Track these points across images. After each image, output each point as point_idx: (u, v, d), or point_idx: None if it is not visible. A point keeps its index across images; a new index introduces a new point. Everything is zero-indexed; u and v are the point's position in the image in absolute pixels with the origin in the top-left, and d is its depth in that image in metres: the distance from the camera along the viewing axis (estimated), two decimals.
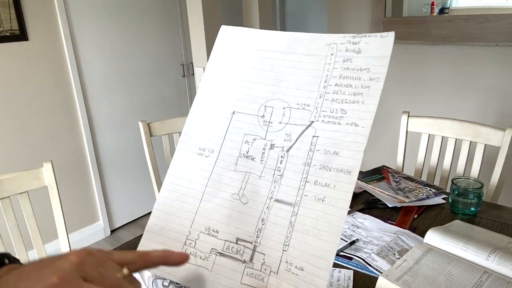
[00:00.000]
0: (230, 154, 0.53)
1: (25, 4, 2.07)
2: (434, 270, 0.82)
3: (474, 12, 2.08)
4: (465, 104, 2.16)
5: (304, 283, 0.43)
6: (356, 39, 0.52)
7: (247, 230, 0.48)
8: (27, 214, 1.19)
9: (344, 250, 0.95)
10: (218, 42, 0.60)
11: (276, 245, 0.46)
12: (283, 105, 0.53)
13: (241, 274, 0.46)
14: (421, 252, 0.87)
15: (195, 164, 0.54)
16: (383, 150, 2.56)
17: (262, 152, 0.51)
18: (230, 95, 0.56)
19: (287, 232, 0.46)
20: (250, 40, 0.58)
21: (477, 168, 1.42)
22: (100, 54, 2.46)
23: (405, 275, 0.80)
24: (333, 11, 2.57)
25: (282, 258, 0.45)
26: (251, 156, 0.52)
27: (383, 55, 0.51)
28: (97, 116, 2.50)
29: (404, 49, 2.30)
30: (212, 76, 0.58)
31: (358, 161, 0.46)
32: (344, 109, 0.50)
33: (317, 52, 0.54)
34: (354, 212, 1.14)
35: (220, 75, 0.58)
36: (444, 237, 0.90)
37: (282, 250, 0.46)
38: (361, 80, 0.50)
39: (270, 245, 0.46)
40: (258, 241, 0.47)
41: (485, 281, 0.78)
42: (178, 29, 2.85)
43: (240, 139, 0.53)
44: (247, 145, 0.53)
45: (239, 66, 0.57)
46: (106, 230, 2.64)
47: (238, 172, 0.52)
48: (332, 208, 0.45)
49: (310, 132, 0.50)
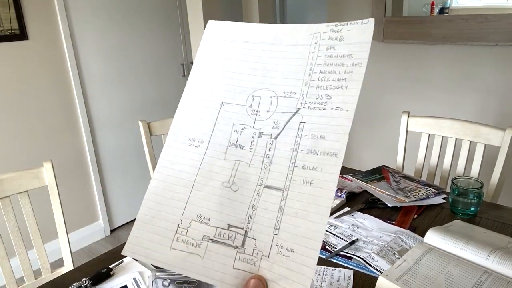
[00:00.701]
0: (219, 144, 0.54)
1: (25, 3, 2.07)
2: (434, 270, 0.82)
3: (474, 12, 2.08)
4: (465, 104, 2.17)
5: (295, 264, 0.45)
6: (339, 27, 0.54)
7: (238, 217, 0.49)
8: (27, 213, 1.19)
9: (344, 250, 0.95)
10: (205, 36, 0.62)
11: (267, 229, 0.47)
12: (270, 94, 0.55)
13: (233, 259, 0.47)
14: (421, 252, 0.87)
15: (185, 154, 0.55)
16: (383, 150, 2.56)
17: (251, 140, 0.53)
18: (218, 86, 0.58)
19: (277, 217, 0.48)
20: (237, 33, 0.60)
21: (477, 168, 1.42)
22: (100, 54, 2.46)
23: (405, 275, 0.80)
24: (333, 10, 2.57)
25: (273, 242, 0.47)
26: (240, 144, 0.53)
27: (364, 41, 0.52)
28: (97, 116, 2.50)
29: (404, 49, 2.30)
30: (200, 69, 0.60)
31: (344, 144, 0.48)
32: (329, 95, 0.51)
33: (302, 42, 0.56)
34: (354, 212, 1.14)
35: (208, 68, 0.59)
36: (444, 237, 0.90)
37: (272, 234, 0.47)
38: (344, 66, 0.52)
39: (261, 230, 0.48)
40: (249, 226, 0.49)
41: (485, 281, 0.78)
42: (178, 29, 2.85)
43: (229, 129, 0.54)
44: (236, 134, 0.54)
45: (227, 59, 0.59)
46: (106, 230, 2.64)
47: (228, 161, 0.53)
48: (320, 190, 0.47)
49: (297, 119, 0.52)
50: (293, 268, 0.44)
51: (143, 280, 0.90)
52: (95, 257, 1.02)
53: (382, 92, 2.47)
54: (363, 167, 1.57)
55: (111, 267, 0.93)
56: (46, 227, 1.44)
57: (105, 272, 0.91)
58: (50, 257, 1.29)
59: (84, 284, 0.87)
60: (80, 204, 2.50)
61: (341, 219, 1.10)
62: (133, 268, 0.94)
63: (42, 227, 1.24)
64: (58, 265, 1.29)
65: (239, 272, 0.47)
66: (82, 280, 0.88)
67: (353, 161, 2.66)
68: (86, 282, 0.87)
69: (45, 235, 1.31)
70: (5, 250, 1.15)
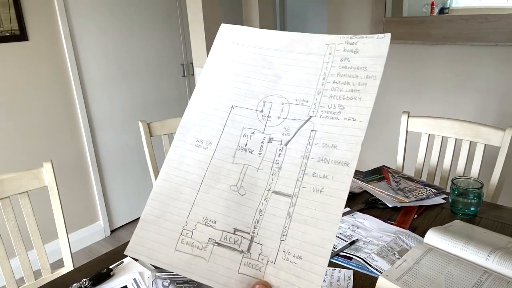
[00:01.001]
0: (228, 147, 0.54)
1: (25, 4, 2.07)
2: (434, 270, 0.82)
3: (474, 12, 2.08)
4: (465, 104, 2.17)
5: (302, 271, 0.44)
6: (354, 39, 0.54)
7: (245, 221, 0.49)
8: (27, 214, 1.19)
9: (344, 250, 0.95)
10: (217, 39, 0.62)
11: (274, 235, 0.47)
12: (282, 100, 0.54)
13: (239, 264, 0.47)
14: (421, 252, 0.87)
15: (192, 155, 0.54)
16: (383, 150, 2.56)
17: (260, 145, 0.53)
18: (229, 90, 0.57)
19: (285, 223, 0.47)
20: (250, 38, 0.60)
21: (477, 168, 1.42)
22: (100, 54, 2.46)
23: (405, 275, 0.80)
24: (333, 11, 2.57)
25: (279, 248, 0.46)
26: (250, 149, 0.53)
27: (380, 55, 0.52)
28: (97, 116, 2.50)
29: (404, 49, 2.30)
30: (211, 71, 0.59)
31: (356, 154, 0.48)
32: (342, 105, 0.51)
33: (315, 51, 0.56)
34: (354, 212, 1.14)
35: (219, 71, 0.59)
36: (444, 237, 0.90)
37: (279, 240, 0.47)
38: (358, 78, 0.52)
39: (268, 235, 0.47)
40: (255, 231, 0.48)
41: (485, 281, 0.78)
42: (178, 29, 2.85)
43: (238, 133, 0.54)
44: (245, 138, 0.54)
45: (238, 63, 0.59)
46: (106, 230, 2.64)
47: (236, 164, 0.52)
48: (330, 198, 0.47)
49: (309, 127, 0.51)
50: (300, 275, 0.44)
51: (143, 280, 0.90)
52: (95, 258, 1.02)
53: (382, 92, 2.47)
54: (363, 167, 1.57)
55: (111, 267, 0.93)
56: (46, 228, 1.44)
57: (105, 273, 0.91)
58: (50, 258, 1.29)
59: (84, 285, 0.87)
60: (80, 205, 2.50)
61: (341, 219, 1.10)
62: (133, 269, 0.94)
63: (42, 228, 1.24)
64: (58, 266, 1.29)
65: (244, 277, 0.46)
66: (82, 281, 0.88)
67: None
68: (86, 283, 0.87)
69: (45, 236, 1.31)
70: (5, 251, 1.15)
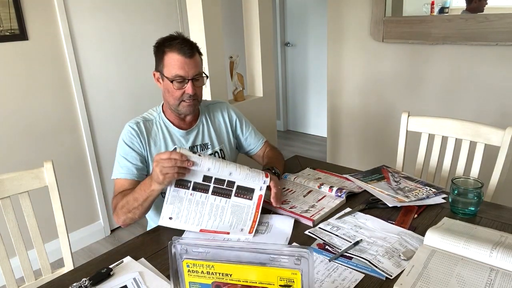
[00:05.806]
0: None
1: (25, 3, 2.07)
2: (444, 273, 0.82)
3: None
4: (465, 104, 2.17)
5: None
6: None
7: None
8: (28, 213, 1.19)
9: (349, 251, 0.94)
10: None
11: None
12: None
13: None
14: (426, 256, 0.87)
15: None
16: (383, 150, 2.56)
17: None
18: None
19: None
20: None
21: (477, 168, 1.42)
22: (100, 54, 2.45)
23: (418, 281, 0.80)
24: (333, 11, 2.57)
25: None
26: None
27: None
28: (97, 116, 2.50)
29: (404, 49, 2.30)
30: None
31: None
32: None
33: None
34: (356, 212, 1.14)
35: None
36: (444, 237, 0.90)
37: None
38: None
39: None
40: None
41: (494, 279, 0.79)
42: (178, 29, 2.85)
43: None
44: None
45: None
46: (106, 230, 2.64)
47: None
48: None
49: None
50: None
51: (143, 280, 0.90)
52: (95, 257, 1.01)
53: (382, 92, 2.47)
54: (363, 167, 1.57)
55: (111, 267, 0.93)
56: (46, 227, 1.44)
57: (105, 272, 0.91)
58: (50, 257, 1.29)
59: (84, 284, 0.87)
60: (80, 204, 2.50)
61: (343, 220, 1.10)
62: (133, 268, 0.94)
63: (42, 227, 1.23)
64: (58, 265, 1.29)
65: None
66: (82, 280, 0.88)
67: (353, 161, 2.66)
68: (86, 282, 0.87)
69: (45, 235, 1.31)
70: (5, 250, 1.15)
